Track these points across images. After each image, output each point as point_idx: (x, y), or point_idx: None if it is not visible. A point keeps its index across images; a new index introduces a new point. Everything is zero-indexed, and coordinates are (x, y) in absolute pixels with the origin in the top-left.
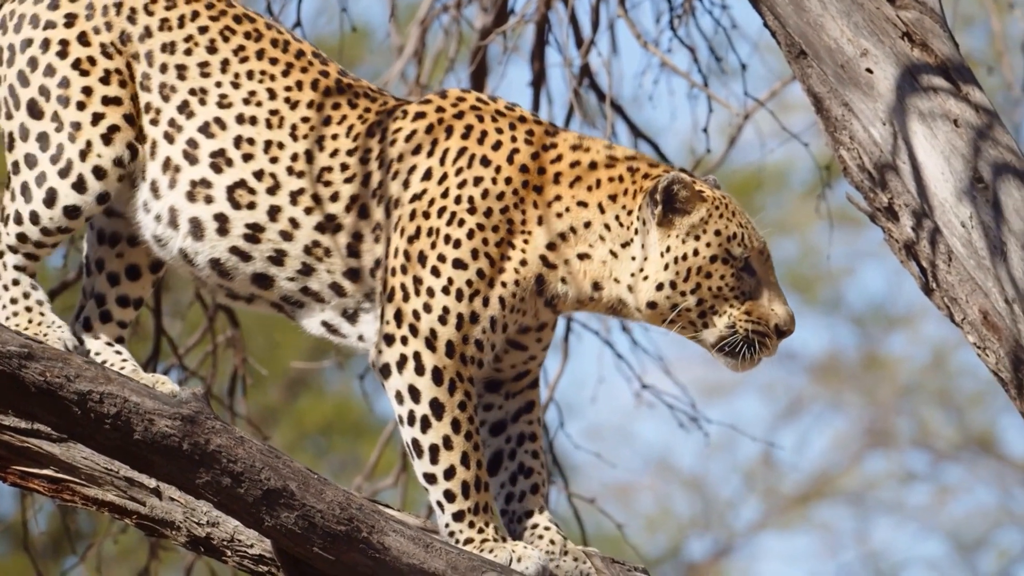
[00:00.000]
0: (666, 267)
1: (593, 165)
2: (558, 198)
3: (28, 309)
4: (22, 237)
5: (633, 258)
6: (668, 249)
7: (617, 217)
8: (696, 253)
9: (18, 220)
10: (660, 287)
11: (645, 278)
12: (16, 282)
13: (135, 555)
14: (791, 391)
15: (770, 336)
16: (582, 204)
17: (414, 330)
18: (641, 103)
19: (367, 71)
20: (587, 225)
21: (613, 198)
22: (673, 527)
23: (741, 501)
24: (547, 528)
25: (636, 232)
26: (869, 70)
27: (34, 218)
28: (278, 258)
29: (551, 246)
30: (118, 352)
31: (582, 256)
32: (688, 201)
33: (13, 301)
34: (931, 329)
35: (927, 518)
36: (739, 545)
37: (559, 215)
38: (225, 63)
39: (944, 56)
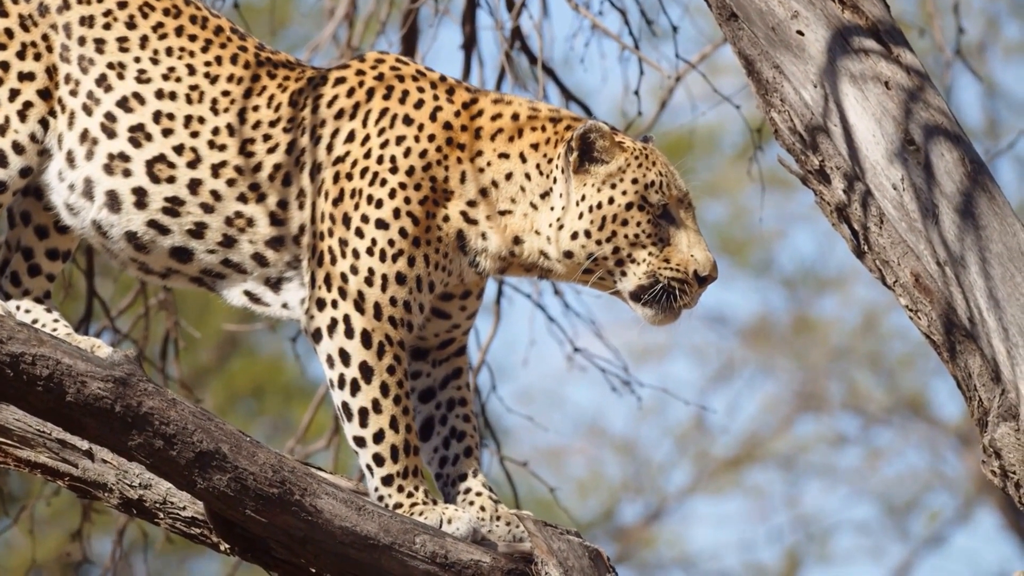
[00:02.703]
0: (581, 216)
1: (515, 117)
2: (480, 153)
3: None
4: None
5: (552, 208)
6: (584, 198)
7: (538, 166)
8: (612, 201)
9: None
10: (575, 236)
11: (561, 227)
12: None
13: (68, 517)
14: (722, 354)
15: (690, 283)
16: (503, 156)
17: (343, 293)
18: (572, 66)
19: (297, 35)
20: (508, 176)
21: (535, 147)
22: (605, 491)
23: (673, 465)
24: (479, 493)
25: (555, 181)
26: (800, 32)
27: None
28: (198, 231)
29: (472, 203)
30: (49, 311)
31: (504, 212)
32: (606, 151)
33: None
34: (862, 292)
35: (858, 481)
36: (671, 509)
37: (481, 170)
38: (144, 39)
39: (875, 18)
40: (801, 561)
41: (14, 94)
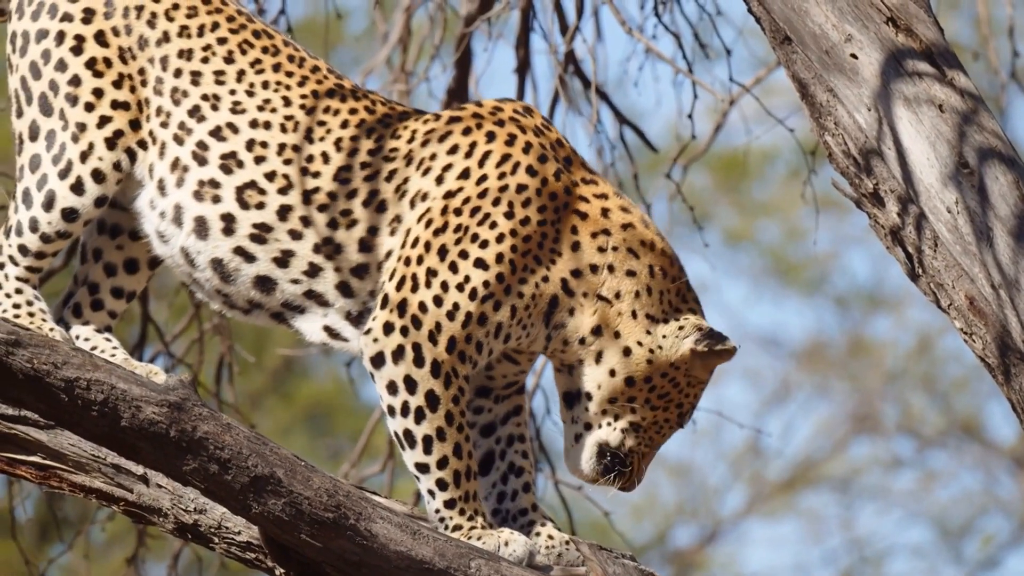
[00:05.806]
0: (663, 375)
1: (646, 224)
2: (606, 232)
3: (31, 315)
4: (23, 249)
5: (648, 332)
6: (676, 368)
7: (662, 293)
8: (682, 392)
9: (19, 231)
10: (648, 380)
11: (649, 362)
12: (19, 291)
13: (123, 542)
14: (777, 377)
15: (631, 484)
16: (632, 253)
17: (417, 322)
18: (626, 89)
19: (347, 57)
20: (630, 274)
21: (664, 273)
22: (659, 514)
23: (727, 488)
24: (543, 524)
25: (666, 322)
26: (854, 56)
27: (33, 225)
28: (284, 259)
29: (577, 273)
30: (108, 339)
31: (602, 298)
32: (714, 360)
33: (16, 306)
34: (917, 314)
35: (912, 504)
36: (725, 532)
37: (601, 249)
38: (241, 73)
39: (929, 41)
40: None
41: (104, 121)
